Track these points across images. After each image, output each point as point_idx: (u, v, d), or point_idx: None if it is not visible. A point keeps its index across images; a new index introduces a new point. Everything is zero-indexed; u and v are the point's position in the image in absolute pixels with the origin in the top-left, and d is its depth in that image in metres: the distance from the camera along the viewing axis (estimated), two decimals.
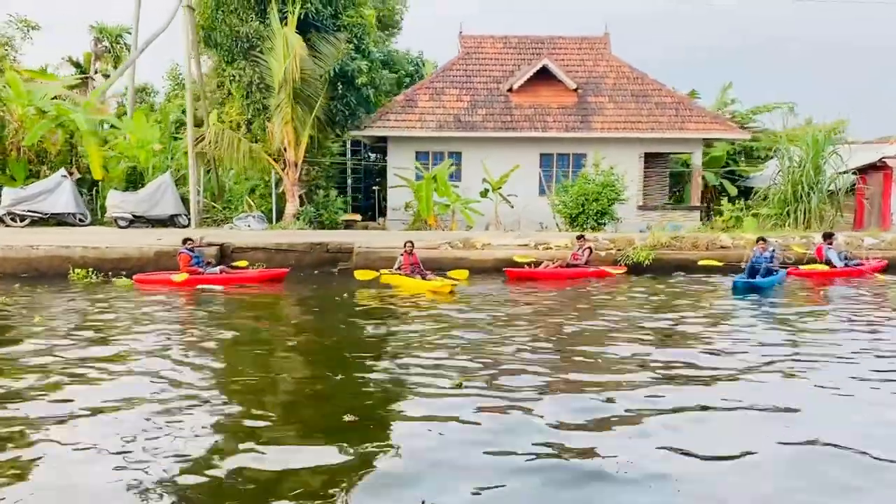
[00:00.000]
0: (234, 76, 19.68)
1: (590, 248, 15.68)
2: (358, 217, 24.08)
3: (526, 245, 16.58)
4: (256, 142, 20.07)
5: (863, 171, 22.90)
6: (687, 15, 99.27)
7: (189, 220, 19.46)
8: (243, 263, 15.19)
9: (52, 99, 20.54)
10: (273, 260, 16.36)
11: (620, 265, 15.83)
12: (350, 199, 24.94)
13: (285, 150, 19.54)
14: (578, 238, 15.84)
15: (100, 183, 20.31)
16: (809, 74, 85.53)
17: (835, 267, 15.25)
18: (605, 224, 20.09)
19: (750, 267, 13.95)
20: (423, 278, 13.71)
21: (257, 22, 19.04)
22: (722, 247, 16.60)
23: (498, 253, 16.18)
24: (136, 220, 18.99)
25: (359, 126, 22.38)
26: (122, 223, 18.78)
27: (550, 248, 16.39)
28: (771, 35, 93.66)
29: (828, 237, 15.76)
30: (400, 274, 13.86)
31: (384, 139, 23.89)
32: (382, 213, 25.00)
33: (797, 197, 20.57)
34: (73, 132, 20.36)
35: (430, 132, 23.55)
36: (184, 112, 21.21)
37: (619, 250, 16.23)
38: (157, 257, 15.03)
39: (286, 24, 18.36)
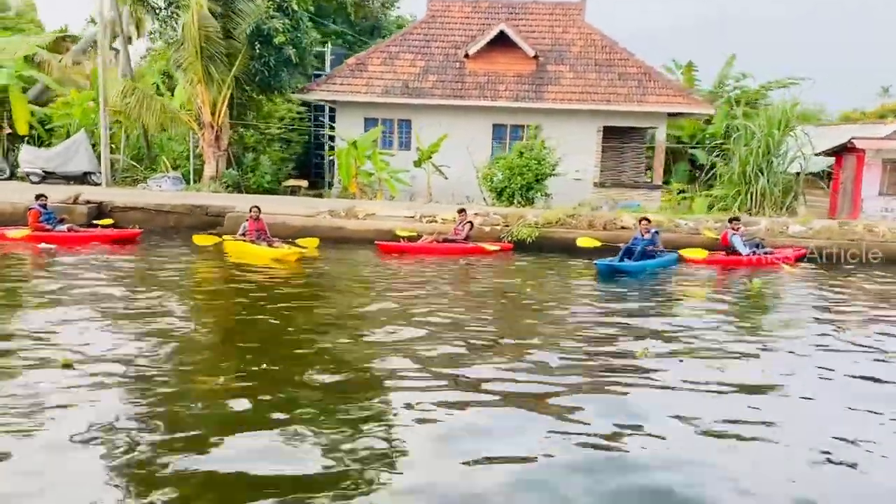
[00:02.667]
0: (157, 32, 19.21)
1: (470, 223, 14.67)
2: (304, 183, 23.49)
3: (412, 217, 15.63)
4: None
5: (839, 153, 20.86)
6: None
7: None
8: (107, 222, 14.78)
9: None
10: (152, 221, 15.98)
11: (504, 242, 14.76)
12: (290, 165, 24.19)
13: (200, 109, 19.01)
14: (459, 212, 14.84)
15: (24, 138, 20.27)
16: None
17: (739, 254, 13.78)
18: (532, 200, 18.84)
19: (626, 249, 12.72)
20: (270, 245, 13.01)
21: None
22: (623, 227, 15.24)
23: (379, 224, 15.32)
24: (49, 176, 18.87)
25: (294, 89, 21.66)
26: (34, 178, 18.71)
27: (436, 221, 15.43)
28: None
29: (733, 221, 14.24)
30: (244, 240, 13.17)
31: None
32: None
33: (747, 178, 18.83)
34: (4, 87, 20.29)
35: (374, 97, 22.62)
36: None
37: (505, 226, 15.11)
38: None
39: None
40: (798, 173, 20.01)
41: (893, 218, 19.18)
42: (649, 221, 13.22)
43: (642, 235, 12.87)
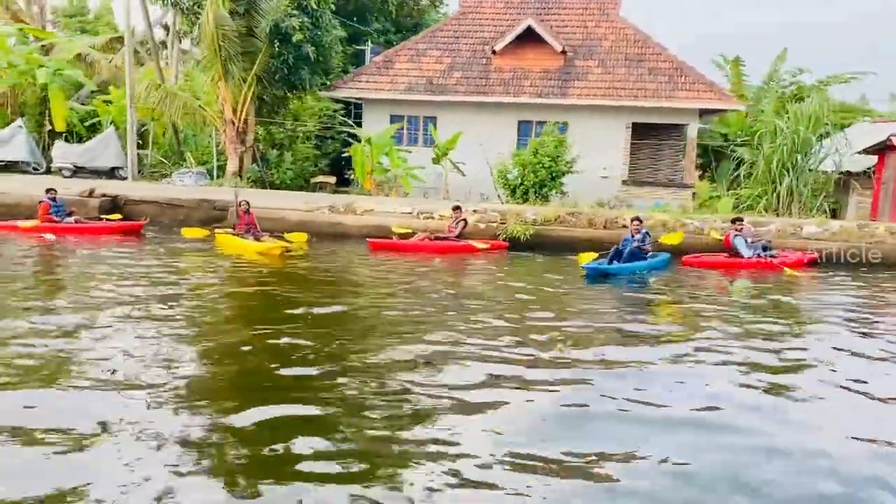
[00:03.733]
0: (184, 31, 19.80)
1: (464, 220, 14.52)
2: (331, 180, 23.74)
3: (410, 213, 15.58)
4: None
5: (881, 152, 19.62)
6: None
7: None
8: (115, 216, 15.32)
9: (30, 54, 21.61)
10: (164, 214, 16.48)
11: (500, 240, 14.55)
12: (323, 162, 24.45)
13: (223, 107, 19.50)
14: (454, 209, 14.70)
15: (63, 135, 21.27)
16: None
17: (741, 256, 13.16)
18: (546, 197, 18.49)
19: (615, 250, 12.34)
20: (257, 239, 13.23)
21: None
22: (624, 226, 14.76)
23: (376, 220, 15.33)
24: (80, 171, 19.74)
25: (321, 86, 21.96)
26: (65, 173, 19.61)
27: (433, 218, 15.32)
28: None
29: (736, 222, 13.59)
30: (232, 234, 13.42)
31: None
32: None
33: (772, 178, 17.94)
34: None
35: (398, 94, 22.70)
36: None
37: (502, 224, 14.88)
38: None
39: None
40: (844, 172, 18.94)
41: None
42: (640, 221, 12.76)
43: (632, 235, 12.44)
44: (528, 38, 22.86)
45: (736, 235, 13.25)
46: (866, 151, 20.15)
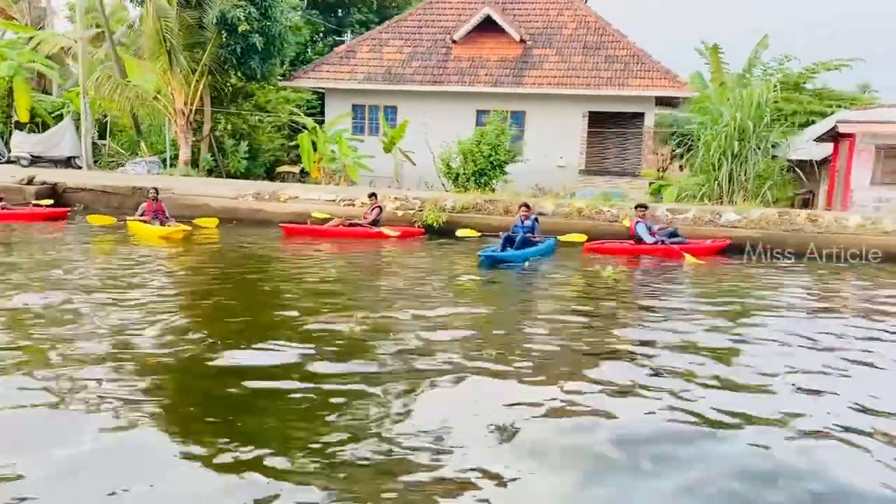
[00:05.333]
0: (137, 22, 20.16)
1: (379, 207, 14.59)
2: (295, 169, 23.96)
3: (332, 201, 15.72)
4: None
5: (835, 140, 19.21)
6: None
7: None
8: (47, 202, 15.73)
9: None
10: (99, 201, 16.87)
11: (416, 227, 14.63)
12: (293, 152, 24.70)
13: (173, 96, 19.83)
14: (369, 196, 14.79)
15: (27, 126, 21.83)
16: None
17: (643, 242, 13.05)
18: (486, 185, 18.46)
19: (506, 237, 12.32)
20: (163, 225, 13.49)
21: None
22: (541, 213, 14.72)
23: (297, 207, 15.51)
24: (38, 160, 20.27)
25: (280, 76, 22.21)
26: (23, 162, 20.15)
27: (354, 205, 15.43)
28: None
29: (639, 208, 13.46)
30: (140, 220, 13.70)
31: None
32: None
33: (711, 166, 17.67)
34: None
35: (355, 84, 22.83)
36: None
37: (420, 211, 14.95)
38: None
39: None
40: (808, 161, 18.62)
41: (888, 210, 17.49)
42: (528, 208, 12.74)
43: (521, 222, 12.41)
44: (488, 27, 22.84)
45: (638, 222, 13.14)
46: (820, 140, 19.78)
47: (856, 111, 19.82)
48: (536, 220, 12.62)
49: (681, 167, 25.04)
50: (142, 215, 13.81)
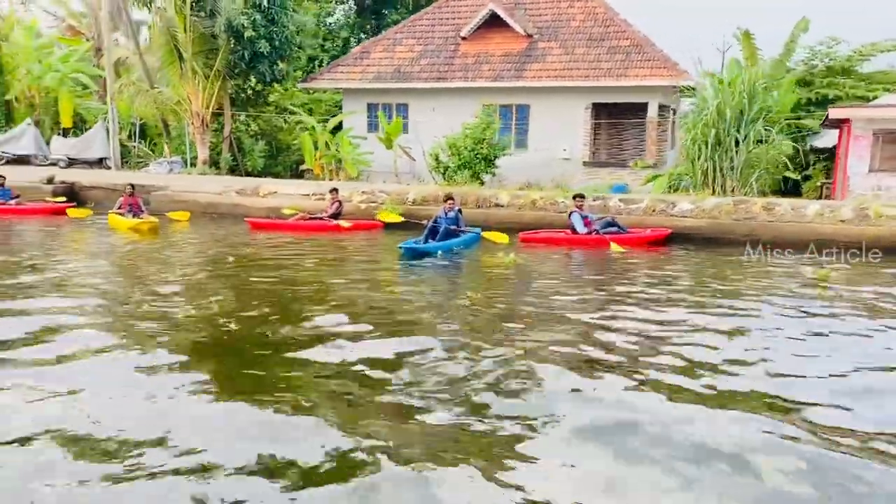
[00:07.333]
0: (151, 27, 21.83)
1: (339, 201, 15.35)
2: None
3: (307, 195, 16.61)
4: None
5: (838, 128, 18.41)
6: None
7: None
8: (60, 199, 17.47)
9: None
10: (109, 198, 18.42)
11: (375, 220, 15.29)
12: None
13: (190, 100, 21.36)
14: (331, 191, 15.56)
15: (70, 130, 24.07)
16: None
17: (576, 233, 13.20)
18: (475, 178, 18.87)
19: (430, 228, 12.78)
20: (135, 217, 14.80)
21: None
22: (496, 205, 15.08)
23: (272, 202, 16.50)
24: (74, 162, 22.33)
25: (299, 79, 23.42)
26: (61, 164, 22.26)
27: (325, 199, 16.23)
28: None
29: (577, 198, 13.56)
30: (117, 213, 15.05)
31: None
32: None
33: (692, 155, 17.33)
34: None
35: (367, 84, 23.68)
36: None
37: (381, 203, 15.60)
38: None
39: None
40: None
41: (888, 198, 16.64)
42: (452, 199, 13.10)
43: (445, 214, 12.81)
44: (494, 22, 23.14)
45: (573, 212, 13.27)
46: (823, 126, 19.00)
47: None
48: (460, 211, 13.02)
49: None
50: (119, 208, 15.17)
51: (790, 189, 21.41)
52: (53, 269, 9.76)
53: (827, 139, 21.88)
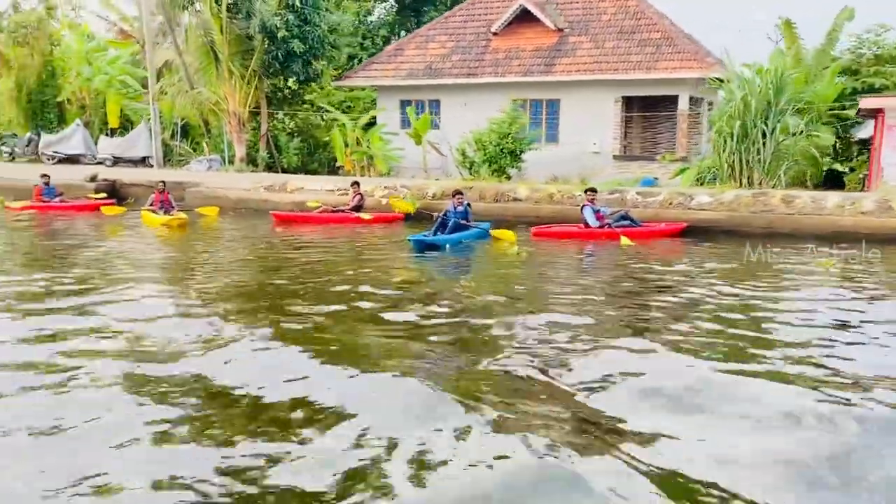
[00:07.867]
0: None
1: (360, 195, 15.75)
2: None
3: (332, 190, 17.05)
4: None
5: (873, 117, 17.90)
6: None
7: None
8: (101, 195, 18.35)
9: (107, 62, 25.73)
10: (147, 195, 19.21)
11: (395, 213, 15.64)
12: None
13: (227, 100, 22.09)
14: (352, 185, 15.96)
15: (118, 130, 25.15)
16: None
17: (589, 226, 13.26)
18: (501, 172, 19.02)
19: (440, 222, 13.02)
20: (167, 213, 15.46)
21: None
22: (514, 199, 15.23)
23: (299, 197, 17.00)
24: (118, 160, 23.34)
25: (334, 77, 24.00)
26: (108, 163, 23.30)
27: (348, 194, 16.65)
28: None
29: (588, 192, 13.58)
30: (149, 209, 15.74)
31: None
32: None
33: (718, 148, 17.10)
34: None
35: (399, 81, 24.01)
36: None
37: (404, 198, 15.93)
38: None
39: None
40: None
41: None
42: (462, 194, 13.30)
43: (454, 208, 13.02)
44: (525, 17, 23.19)
45: (584, 206, 13.31)
46: (858, 114, 18.52)
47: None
48: (469, 205, 13.24)
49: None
50: (150, 205, 15.87)
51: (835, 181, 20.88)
52: (120, 256, 10.47)
53: (871, 129, 21.26)
